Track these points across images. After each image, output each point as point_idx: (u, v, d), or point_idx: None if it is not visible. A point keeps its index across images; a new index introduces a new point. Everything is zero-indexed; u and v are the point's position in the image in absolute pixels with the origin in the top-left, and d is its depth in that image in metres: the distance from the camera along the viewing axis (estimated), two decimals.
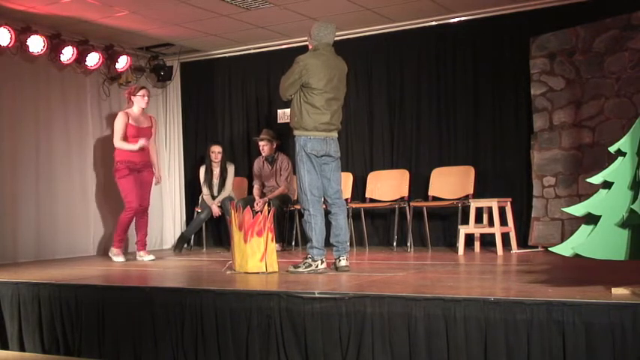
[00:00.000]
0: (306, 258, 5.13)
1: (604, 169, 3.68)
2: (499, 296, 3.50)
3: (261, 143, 7.90)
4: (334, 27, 5.28)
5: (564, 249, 3.65)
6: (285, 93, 5.19)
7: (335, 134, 5.23)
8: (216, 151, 8.04)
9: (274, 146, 7.96)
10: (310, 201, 5.07)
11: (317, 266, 5.08)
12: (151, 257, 6.95)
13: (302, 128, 5.10)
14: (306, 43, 5.38)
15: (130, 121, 6.91)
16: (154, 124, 7.20)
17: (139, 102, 6.99)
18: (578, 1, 6.79)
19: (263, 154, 7.96)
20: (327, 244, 5.18)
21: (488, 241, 6.82)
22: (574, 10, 6.80)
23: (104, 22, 7.38)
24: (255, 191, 7.99)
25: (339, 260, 5.16)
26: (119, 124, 6.91)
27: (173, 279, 5.54)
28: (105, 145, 8.37)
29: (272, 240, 5.24)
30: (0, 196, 7.15)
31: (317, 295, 3.87)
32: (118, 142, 6.91)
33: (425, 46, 7.73)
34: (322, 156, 5.13)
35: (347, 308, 3.76)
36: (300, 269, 5.08)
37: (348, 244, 5.29)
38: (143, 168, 7.01)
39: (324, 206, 5.26)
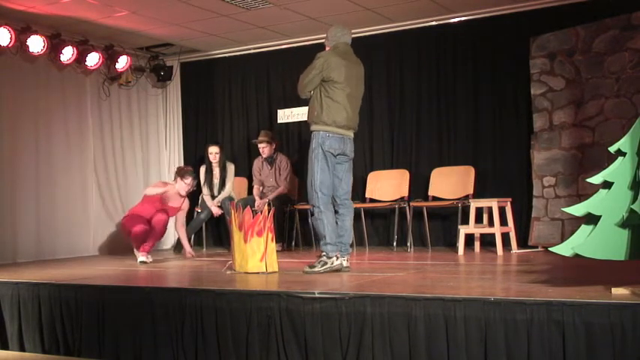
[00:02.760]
0: (321, 256, 5.09)
1: (604, 169, 3.68)
2: (499, 296, 3.49)
3: (260, 146, 7.89)
4: (350, 30, 5.33)
5: (564, 249, 3.65)
6: (304, 89, 5.13)
7: (351, 134, 5.21)
8: (213, 152, 8.02)
9: (274, 147, 7.95)
10: (320, 199, 5.03)
11: (332, 263, 5.03)
12: (142, 259, 6.62)
13: (322, 122, 5.04)
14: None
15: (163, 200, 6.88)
16: (184, 205, 7.08)
17: (181, 188, 6.94)
18: (578, 1, 6.79)
19: (263, 156, 7.95)
20: None
21: (488, 241, 6.82)
22: (574, 10, 6.81)
23: (104, 22, 7.38)
24: (255, 191, 7.99)
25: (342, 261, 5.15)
26: (156, 190, 6.90)
27: (173, 279, 5.54)
28: (105, 145, 8.39)
29: (272, 240, 5.23)
30: (0, 195, 7.15)
31: (317, 295, 3.87)
32: (151, 189, 6.91)
33: (425, 46, 7.73)
34: (338, 155, 5.11)
35: (347, 308, 3.76)
36: (317, 269, 5.01)
37: (349, 245, 5.28)
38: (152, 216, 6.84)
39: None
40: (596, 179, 3.65)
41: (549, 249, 3.82)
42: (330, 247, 5.05)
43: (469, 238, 6.74)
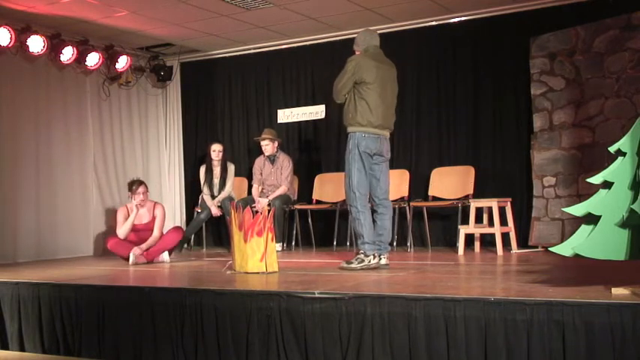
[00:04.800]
0: (359, 254, 5.16)
1: (604, 169, 3.68)
2: (499, 296, 3.49)
3: (263, 143, 7.88)
4: (377, 33, 5.48)
5: (564, 249, 3.65)
6: (339, 94, 5.22)
7: (387, 133, 5.30)
8: (217, 150, 8.03)
9: (276, 145, 7.95)
10: (358, 198, 5.13)
11: (369, 261, 5.12)
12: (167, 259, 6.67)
13: (357, 124, 5.14)
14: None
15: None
16: (158, 216, 6.75)
17: (138, 199, 6.68)
18: (578, 1, 6.79)
19: (266, 154, 7.93)
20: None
21: (488, 241, 6.82)
22: (574, 10, 6.81)
23: (104, 22, 7.39)
24: (254, 191, 7.97)
25: (381, 258, 5.23)
26: (119, 216, 6.76)
27: (173, 279, 5.54)
28: (105, 145, 8.39)
29: (272, 240, 5.23)
30: (0, 196, 7.15)
31: (317, 295, 3.87)
32: (120, 230, 6.68)
33: (425, 46, 7.73)
34: (374, 155, 5.18)
35: (347, 308, 3.76)
36: (353, 265, 5.11)
37: (388, 244, 5.33)
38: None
39: (370, 204, 5.32)
40: (596, 179, 3.65)
41: (549, 249, 3.82)
42: (367, 246, 5.13)
43: (469, 238, 6.74)
